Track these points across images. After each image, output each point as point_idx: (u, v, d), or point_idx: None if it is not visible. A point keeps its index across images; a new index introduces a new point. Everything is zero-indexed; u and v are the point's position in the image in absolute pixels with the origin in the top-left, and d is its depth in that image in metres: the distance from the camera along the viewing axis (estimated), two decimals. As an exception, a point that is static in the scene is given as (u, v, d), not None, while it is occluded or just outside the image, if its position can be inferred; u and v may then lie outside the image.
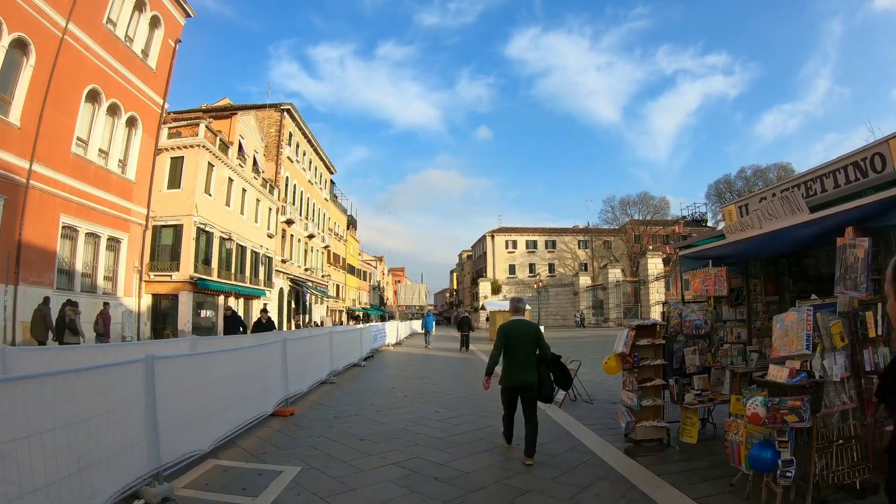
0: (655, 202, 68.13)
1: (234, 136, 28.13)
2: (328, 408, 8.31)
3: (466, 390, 10.35)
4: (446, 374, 13.33)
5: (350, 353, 14.16)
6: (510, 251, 67.07)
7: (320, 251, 46.39)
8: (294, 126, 39.07)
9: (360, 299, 67.45)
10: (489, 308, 32.42)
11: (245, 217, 29.00)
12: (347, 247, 59.49)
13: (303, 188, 40.80)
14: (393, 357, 19.37)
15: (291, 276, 37.45)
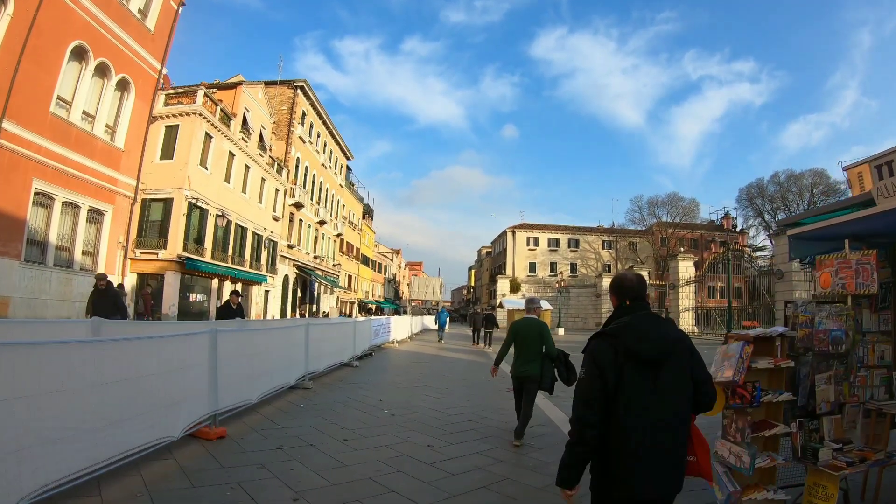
0: (685, 204, 65.49)
1: (238, 108, 26.05)
2: (278, 429, 6.00)
3: (477, 411, 7.80)
4: (454, 383, 11.03)
5: (338, 350, 11.87)
6: (531, 248, 64.62)
7: (332, 239, 44.43)
8: (308, 105, 37.13)
9: (373, 291, 65.71)
10: (507, 306, 30.13)
11: (247, 196, 27.02)
12: (362, 237, 57.67)
13: (315, 171, 38.83)
14: (396, 356, 17.14)
15: (298, 262, 35.54)
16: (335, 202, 45.14)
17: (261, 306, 29.58)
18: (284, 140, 33.72)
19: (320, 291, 41.79)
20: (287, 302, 34.41)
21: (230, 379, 5.93)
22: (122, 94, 19.77)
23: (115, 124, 19.50)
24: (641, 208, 66.06)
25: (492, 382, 10.20)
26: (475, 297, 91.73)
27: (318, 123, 39.87)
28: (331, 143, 43.57)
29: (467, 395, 9.43)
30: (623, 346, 2.05)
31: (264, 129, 29.46)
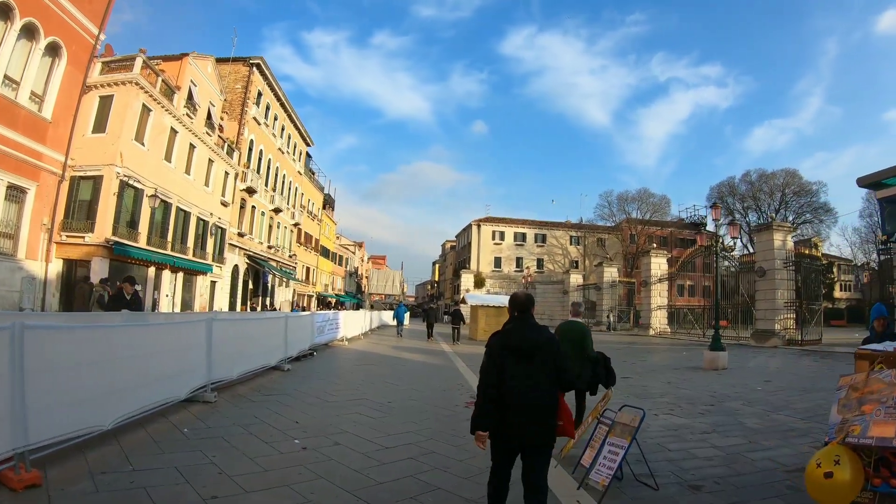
0: (655, 200, 65.71)
1: (184, 81, 24.12)
2: (123, 475, 4.22)
3: (425, 448, 5.58)
4: (401, 395, 8.97)
5: (264, 351, 10.06)
6: (497, 243, 63.79)
7: (289, 228, 42.53)
8: (264, 84, 35.26)
9: (333, 285, 64.19)
10: (470, 301, 28.97)
11: (191, 178, 25.15)
12: (322, 227, 56.04)
13: (271, 156, 36.88)
14: (343, 357, 15.54)
15: (250, 252, 33.67)
16: (293, 190, 43.40)
17: (206, 299, 27.88)
18: (237, 120, 31.95)
19: (274, 284, 40.27)
20: (237, 294, 32.88)
21: (61, 396, 4.21)
22: (52, 59, 18.07)
23: (42, 93, 17.73)
24: (611, 203, 66.13)
25: (449, 396, 8.91)
26: (439, 293, 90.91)
27: (276, 105, 38.12)
28: (289, 127, 41.85)
29: (415, 416, 7.23)
30: (506, 341, 3.28)
31: (213, 107, 27.71)
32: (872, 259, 62.01)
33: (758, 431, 6.56)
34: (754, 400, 9.03)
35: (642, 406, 7.53)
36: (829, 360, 16.54)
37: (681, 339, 30.07)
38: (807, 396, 9.38)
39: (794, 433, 6.47)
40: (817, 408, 8.10)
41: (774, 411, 7.95)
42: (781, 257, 23.64)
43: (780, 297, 23.18)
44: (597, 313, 47.01)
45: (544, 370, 3.19)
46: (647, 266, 37.36)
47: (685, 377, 12.65)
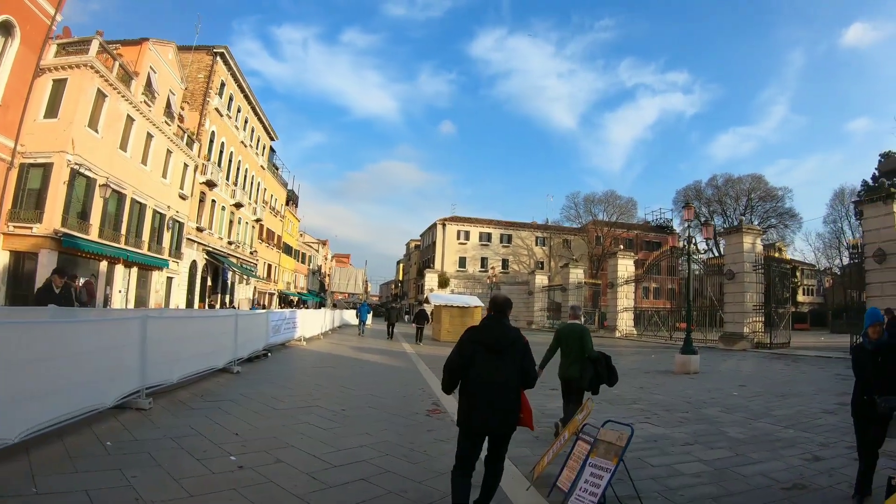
0: (622, 202, 66.61)
1: (143, 67, 23.18)
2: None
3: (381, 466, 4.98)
4: (357, 401, 8.33)
5: (210, 351, 9.37)
6: (462, 242, 63.36)
7: (250, 224, 41.36)
8: (228, 75, 34.24)
9: (296, 283, 63.11)
10: (434, 301, 28.60)
11: (148, 168, 24.15)
12: (285, 224, 54.93)
13: (233, 148, 35.80)
14: (299, 358, 14.86)
15: (209, 248, 32.57)
16: (255, 184, 42.31)
17: (162, 295, 26.85)
18: (199, 111, 30.92)
19: (234, 281, 39.30)
20: (195, 291, 31.89)
21: None
22: (4, 39, 17.23)
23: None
24: (577, 205, 66.71)
25: (409, 402, 8.37)
26: (402, 292, 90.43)
27: (239, 97, 37.10)
28: (253, 119, 40.84)
29: (370, 426, 6.59)
30: (479, 337, 3.65)
31: (173, 95, 26.71)
32: (836, 264, 64.51)
33: (743, 442, 6.34)
34: (732, 406, 8.90)
35: (615, 414, 7.50)
36: (801, 364, 16.68)
37: (648, 342, 30.16)
38: (785, 402, 9.30)
39: (780, 444, 6.27)
40: (799, 415, 8.05)
41: (755, 419, 7.81)
42: (751, 260, 23.78)
43: (748, 300, 23.32)
44: (562, 315, 47.44)
45: (511, 366, 3.58)
46: (613, 268, 37.44)
47: (657, 381, 12.46)
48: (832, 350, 21.20)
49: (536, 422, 5.87)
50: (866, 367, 4.26)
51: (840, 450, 5.93)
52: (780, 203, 62.32)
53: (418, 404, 8.29)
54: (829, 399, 9.54)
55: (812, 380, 12.73)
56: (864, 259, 18.40)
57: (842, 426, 7.04)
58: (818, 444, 6.25)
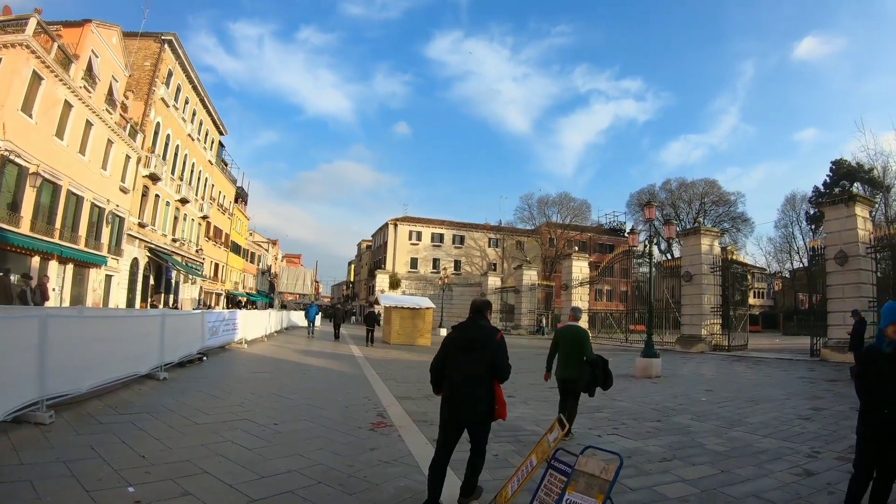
0: (576, 205, 67.37)
1: (84, 50, 21.58)
2: None
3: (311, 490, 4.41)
4: (294, 412, 7.54)
5: (132, 356, 8.39)
6: (413, 243, 62.44)
7: (196, 221, 39.60)
8: (176, 64, 32.58)
9: (244, 283, 61.08)
10: (384, 302, 27.71)
11: (86, 159, 22.48)
12: (234, 222, 52.97)
13: (179, 141, 34.10)
14: (238, 362, 13.89)
15: (152, 245, 30.79)
16: (202, 180, 40.47)
17: (100, 294, 25.14)
18: (143, 100, 29.20)
19: (179, 280, 37.52)
20: (136, 290, 30.16)
21: None
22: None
23: None
24: (531, 206, 67.04)
25: (352, 414, 7.57)
26: (353, 293, 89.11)
27: (188, 88, 35.43)
28: (201, 112, 39.10)
29: (304, 445, 5.72)
30: (452, 336, 4.21)
31: (116, 82, 25.13)
32: (786, 268, 67.28)
33: (724, 455, 5.94)
34: (703, 414, 8.58)
35: (579, 424, 7.18)
36: (763, 367, 16.74)
37: (603, 344, 29.98)
38: (758, 408, 9.09)
39: (765, 456, 5.95)
40: (775, 422, 7.83)
41: (730, 427, 7.52)
42: (708, 262, 23.83)
43: (706, 302, 23.40)
44: (515, 317, 47.29)
45: (480, 361, 3.94)
46: (568, 269, 37.40)
47: (620, 387, 11.86)
48: (790, 352, 21.61)
49: (498, 436, 5.95)
50: (883, 374, 3.51)
51: (829, 462, 5.68)
52: (732, 207, 64.64)
53: (362, 415, 7.60)
54: (801, 404, 9.44)
55: (779, 383, 12.73)
56: (825, 261, 18.63)
57: (824, 434, 6.92)
58: (805, 455, 5.98)
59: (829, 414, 8.34)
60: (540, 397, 9.90)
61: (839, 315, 17.36)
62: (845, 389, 11.03)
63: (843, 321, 16.89)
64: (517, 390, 10.41)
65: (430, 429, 6.50)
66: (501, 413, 4.05)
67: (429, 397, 9.09)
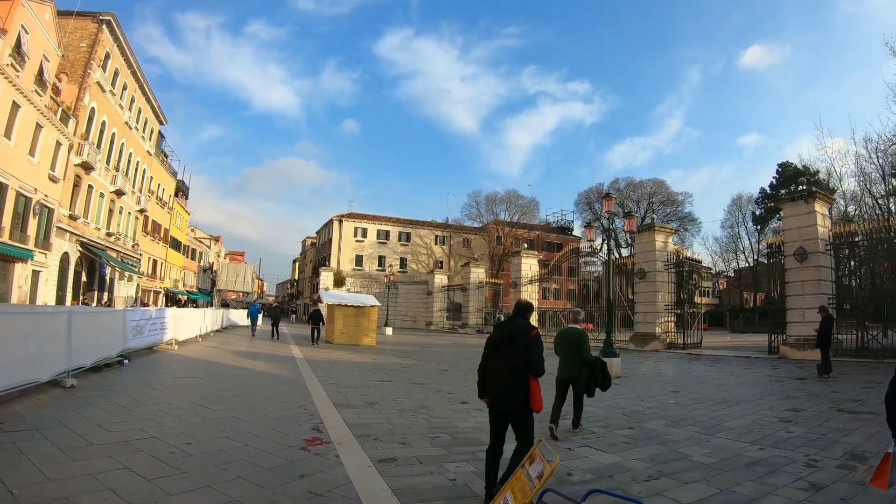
0: (524, 202, 67.52)
1: (12, 25, 19.57)
2: None
3: None
4: (219, 425, 6.47)
5: (26, 360, 7.12)
6: (359, 240, 61.26)
7: (133, 215, 37.16)
8: (114, 46, 30.36)
9: (185, 281, 58.37)
10: (326, 300, 26.36)
11: (12, 143, 20.48)
12: (173, 217, 50.29)
13: (115, 129, 31.78)
14: (165, 365, 12.56)
15: (84, 239, 28.53)
16: (140, 172, 38.03)
17: (26, 291, 23.06)
18: (77, 84, 27.07)
19: (114, 277, 35.29)
20: (67, 287, 28.03)
21: None
22: None
23: None
24: (479, 204, 66.93)
25: (283, 429, 6.43)
26: (298, 291, 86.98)
27: (126, 72, 33.14)
28: (140, 99, 36.78)
29: (220, 473, 4.66)
30: (494, 334, 4.51)
31: (48, 62, 23.08)
32: (732, 267, 69.86)
33: (715, 469, 5.33)
34: (677, 418, 7.96)
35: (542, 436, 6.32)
36: (723, 365, 16.50)
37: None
38: (733, 411, 8.61)
39: (761, 468, 5.35)
40: (756, 426, 7.34)
41: (710, 434, 6.92)
42: (663, 259, 23.56)
43: (660, 300, 23.13)
44: (462, 315, 46.70)
45: (516, 356, 4.16)
46: (517, 267, 37.11)
47: None
48: (747, 349, 21.81)
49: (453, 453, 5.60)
50: None
51: (833, 471, 5.20)
52: (680, 207, 66.54)
53: (295, 429, 6.52)
54: (777, 405, 9.08)
55: (746, 382, 12.50)
56: (784, 257, 18.49)
57: (813, 438, 6.55)
58: (803, 465, 5.45)
59: (809, 416, 8.06)
60: None
61: (798, 312, 17.38)
62: (817, 388, 10.95)
63: (802, 318, 17.04)
64: (470, 395, 9.49)
65: (373, 445, 5.84)
66: (536, 405, 4.16)
67: (372, 405, 8.45)
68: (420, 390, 10.40)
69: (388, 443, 6.01)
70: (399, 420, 7.40)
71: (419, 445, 6.00)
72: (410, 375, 13.01)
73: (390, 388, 10.45)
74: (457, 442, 6.18)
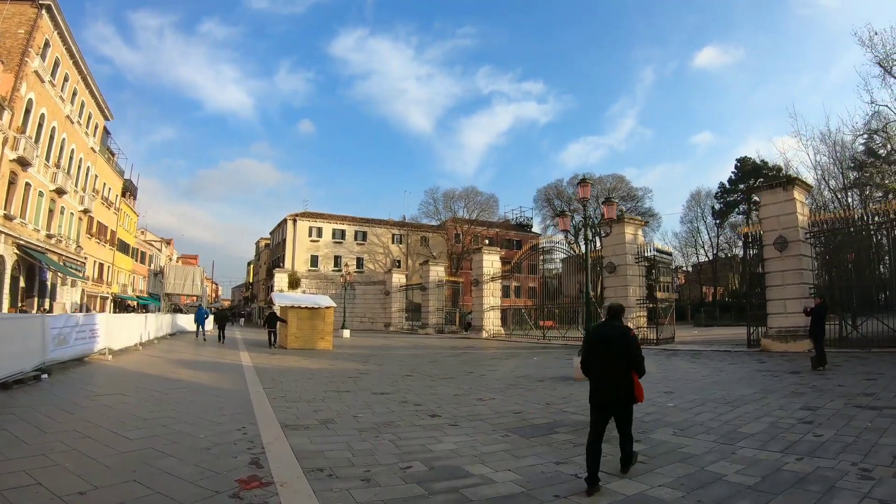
0: (482, 199, 67.14)
1: None
2: None
3: None
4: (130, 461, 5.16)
5: None
6: (314, 240, 59.67)
7: (76, 216, 34.66)
8: (55, 33, 28.09)
9: (134, 285, 55.56)
10: (279, 301, 24.77)
11: None
12: (121, 218, 47.50)
13: (56, 123, 29.38)
14: (91, 379, 11.18)
15: (21, 241, 26.32)
16: (84, 169, 35.52)
17: None
18: (13, 73, 24.98)
19: (56, 282, 32.90)
20: (3, 294, 25.89)
21: None
22: None
23: None
24: (437, 201, 66.04)
25: (214, 462, 5.15)
26: (252, 294, 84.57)
27: (68, 62, 30.78)
28: (83, 92, 34.33)
29: None
30: (593, 334, 5.11)
31: (-24, 48, 21.51)
32: (691, 262, 71.05)
33: (764, 493, 4.40)
34: (684, 425, 7.08)
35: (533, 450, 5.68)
36: (705, 360, 15.82)
37: (519, 342, 29.04)
38: (741, 413, 7.79)
39: (813, 486, 4.49)
40: (776, 430, 6.56)
41: (731, 443, 6.08)
42: (633, 251, 22.76)
43: (631, 294, 22.36)
44: (422, 315, 45.27)
45: (619, 354, 4.69)
46: (478, 263, 36.15)
47: (562, 393, 10.19)
48: (721, 343, 21.55)
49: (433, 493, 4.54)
50: None
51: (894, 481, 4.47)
52: (640, 203, 67.24)
53: (228, 464, 5.16)
54: (787, 404, 8.28)
55: (738, 378, 11.69)
56: (763, 247, 17.98)
57: (848, 442, 5.80)
58: (858, 477, 4.65)
59: (828, 415, 7.31)
60: (473, 415, 7.98)
61: (779, 303, 16.93)
62: (818, 382, 10.32)
63: (783, 309, 16.66)
64: (440, 405, 8.78)
65: (328, 485, 4.62)
66: (639, 396, 4.73)
67: (327, 423, 7.20)
68: (383, 402, 9.24)
69: (347, 480, 4.77)
70: (360, 444, 6.16)
71: (388, 483, 4.78)
72: (371, 383, 11.87)
73: (348, 401, 9.29)
74: (435, 474, 5.04)
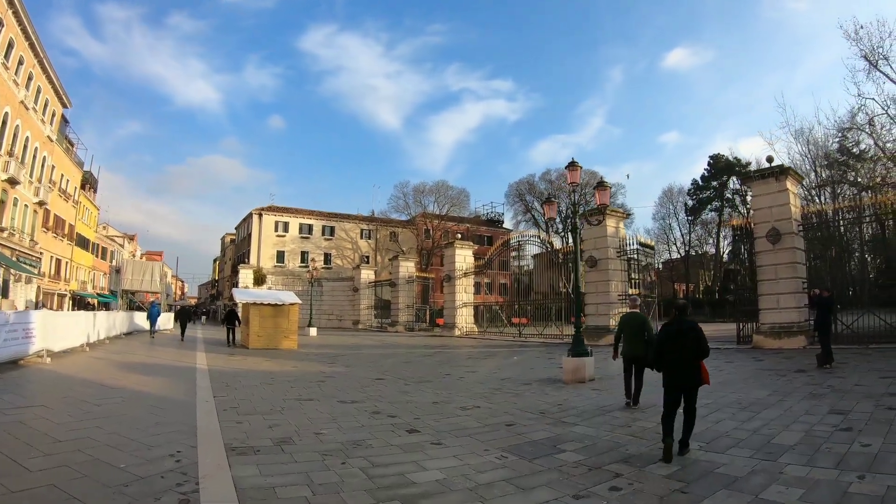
0: (453, 193, 65.88)
1: None
2: None
3: None
4: None
5: None
6: (280, 235, 58.01)
7: (31, 208, 32.43)
8: (9, 12, 25.67)
9: (94, 282, 53.05)
10: (239, 298, 23.63)
11: None
12: (80, 212, 45.03)
13: (9, 109, 27.15)
14: (17, 387, 9.72)
15: None
16: (39, 159, 33.24)
17: None
18: (-43, 54, 23.50)
19: (8, 278, 30.83)
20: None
21: None
22: None
23: None
24: (406, 195, 64.54)
25: None
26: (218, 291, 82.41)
27: (23, 44, 28.65)
28: (39, 76, 32.11)
29: None
30: (668, 328, 5.78)
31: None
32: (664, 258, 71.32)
33: None
34: (707, 435, 6.23)
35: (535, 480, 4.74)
36: None
37: (493, 340, 28.03)
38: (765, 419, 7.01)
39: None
40: (816, 440, 5.79)
41: (772, 458, 5.26)
42: (615, 245, 21.95)
43: (614, 289, 21.49)
44: (392, 313, 43.83)
45: (688, 345, 5.48)
46: (450, 259, 34.90)
47: (556, 400, 9.11)
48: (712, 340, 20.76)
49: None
50: None
51: None
52: (613, 199, 67.16)
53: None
54: (810, 407, 7.55)
55: (742, 378, 10.83)
56: (755, 240, 17.32)
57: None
58: None
59: (863, 419, 6.58)
60: (459, 430, 6.86)
61: (772, 298, 16.36)
62: (832, 381, 9.54)
63: (776, 304, 16.10)
64: (419, 416, 7.74)
65: None
66: (706, 379, 5.54)
67: (283, 444, 5.95)
68: (351, 413, 7.91)
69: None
70: (323, 475, 4.88)
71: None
72: (338, 389, 10.63)
73: (311, 412, 7.95)
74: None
